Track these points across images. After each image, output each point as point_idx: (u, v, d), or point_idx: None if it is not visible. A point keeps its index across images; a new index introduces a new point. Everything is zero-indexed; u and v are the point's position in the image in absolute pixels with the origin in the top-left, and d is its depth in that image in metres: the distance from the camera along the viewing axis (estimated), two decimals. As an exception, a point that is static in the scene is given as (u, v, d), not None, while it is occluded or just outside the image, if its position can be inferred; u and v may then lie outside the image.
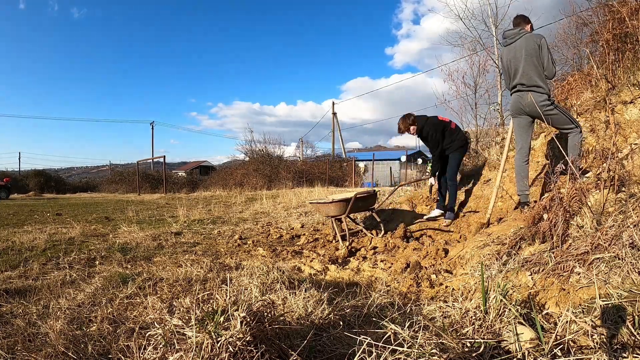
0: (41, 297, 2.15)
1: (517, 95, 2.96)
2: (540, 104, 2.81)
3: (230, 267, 2.87)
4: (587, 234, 1.68)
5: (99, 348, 1.49)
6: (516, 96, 2.98)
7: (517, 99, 2.96)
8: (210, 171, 31.51)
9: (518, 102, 2.97)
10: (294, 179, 17.98)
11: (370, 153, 29.27)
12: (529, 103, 2.87)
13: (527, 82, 2.87)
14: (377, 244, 3.49)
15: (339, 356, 1.31)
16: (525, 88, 2.89)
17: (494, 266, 1.96)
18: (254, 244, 4.05)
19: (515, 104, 3.00)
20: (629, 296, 1.20)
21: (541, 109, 2.79)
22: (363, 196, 3.81)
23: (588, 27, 5.18)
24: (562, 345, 1.12)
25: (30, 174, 27.60)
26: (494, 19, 8.55)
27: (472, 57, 8.21)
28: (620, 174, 2.03)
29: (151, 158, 24.29)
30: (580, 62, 5.28)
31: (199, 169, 37.23)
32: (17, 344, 1.53)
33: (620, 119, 3.14)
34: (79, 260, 3.15)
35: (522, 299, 1.52)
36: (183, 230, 4.95)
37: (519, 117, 3.03)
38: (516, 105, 2.99)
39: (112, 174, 27.37)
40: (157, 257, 3.34)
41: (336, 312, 1.67)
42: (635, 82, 3.29)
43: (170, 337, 1.17)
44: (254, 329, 1.17)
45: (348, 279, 2.59)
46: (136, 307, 1.96)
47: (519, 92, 2.95)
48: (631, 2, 3.92)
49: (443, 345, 1.14)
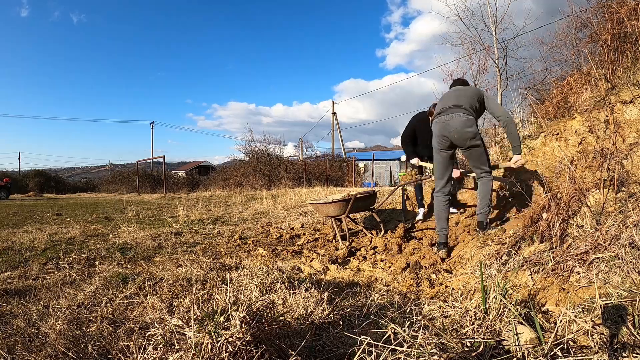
0: (41, 297, 2.15)
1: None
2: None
3: (230, 267, 2.87)
4: (586, 233, 1.69)
5: (99, 348, 1.48)
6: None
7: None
8: (210, 171, 31.50)
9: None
10: (293, 179, 17.98)
11: (370, 153, 29.26)
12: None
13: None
14: (377, 244, 3.49)
15: (339, 356, 1.31)
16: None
17: (493, 266, 1.96)
18: (254, 243, 4.05)
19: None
20: (629, 296, 1.20)
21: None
22: (363, 196, 3.82)
23: (587, 27, 5.18)
24: (562, 345, 1.12)
25: (30, 174, 27.56)
26: (494, 18, 8.55)
27: (471, 56, 8.20)
28: (620, 173, 2.03)
29: (151, 158, 24.27)
30: (580, 62, 5.27)
31: (199, 169, 37.20)
32: (17, 344, 1.53)
33: (619, 118, 3.14)
34: (79, 260, 3.15)
35: (522, 298, 1.52)
36: (183, 230, 4.95)
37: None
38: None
39: (112, 174, 27.35)
40: (157, 257, 3.34)
41: (336, 312, 1.67)
42: (635, 81, 3.29)
43: (170, 337, 1.17)
44: (253, 328, 1.17)
45: (348, 279, 2.59)
46: (136, 307, 1.96)
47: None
48: (630, 2, 3.92)
49: (443, 345, 1.14)
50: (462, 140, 2.70)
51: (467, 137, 2.67)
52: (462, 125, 2.67)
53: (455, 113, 2.70)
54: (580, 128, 3.55)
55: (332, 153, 25.28)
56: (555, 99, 4.66)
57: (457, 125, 2.68)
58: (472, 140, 2.68)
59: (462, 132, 2.67)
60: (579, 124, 3.58)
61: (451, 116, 2.71)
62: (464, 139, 2.69)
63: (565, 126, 3.75)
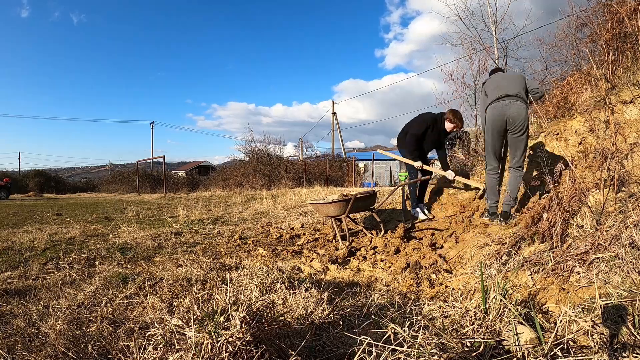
0: (41, 297, 2.15)
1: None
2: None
3: (230, 267, 2.87)
4: (587, 233, 1.69)
5: (99, 348, 1.48)
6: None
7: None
8: (210, 171, 31.50)
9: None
10: (293, 179, 17.99)
11: (370, 153, 29.25)
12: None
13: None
14: (377, 244, 3.49)
15: (339, 356, 1.31)
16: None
17: (494, 266, 1.96)
18: (254, 243, 4.05)
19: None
20: (629, 296, 1.20)
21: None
22: (363, 196, 3.82)
23: (587, 27, 5.18)
24: (562, 345, 1.12)
25: (30, 174, 27.56)
26: (494, 18, 8.54)
27: (471, 56, 8.19)
28: (620, 173, 2.03)
29: (151, 158, 24.27)
30: (580, 62, 5.27)
31: (199, 169, 37.20)
32: (17, 344, 1.53)
33: (620, 118, 3.14)
34: (79, 260, 3.15)
35: (522, 298, 1.52)
36: (183, 230, 4.95)
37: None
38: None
39: (112, 174, 27.36)
40: (157, 257, 3.34)
41: (336, 312, 1.67)
42: (635, 81, 3.29)
43: (170, 337, 1.17)
44: (253, 328, 1.17)
45: (348, 279, 2.59)
46: (136, 307, 1.96)
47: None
48: (630, 2, 3.92)
49: (443, 345, 1.14)
50: (517, 125, 2.97)
51: (521, 123, 2.95)
52: (520, 112, 2.96)
53: (514, 100, 3.00)
54: (580, 128, 3.55)
55: (332, 153, 25.29)
56: (555, 99, 4.66)
57: (516, 111, 2.97)
58: (525, 127, 2.96)
59: (519, 118, 2.95)
60: (579, 124, 3.58)
61: (510, 102, 3.00)
62: (519, 124, 2.96)
63: (566, 126, 3.75)
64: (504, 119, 3.01)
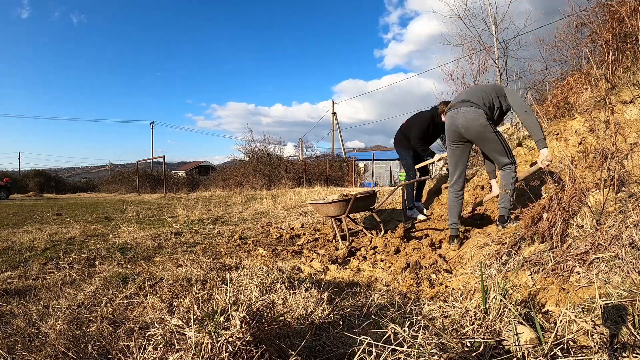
0: (41, 297, 2.15)
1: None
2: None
3: (230, 267, 2.87)
4: (587, 233, 1.68)
5: (99, 348, 1.48)
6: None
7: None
8: (210, 171, 31.51)
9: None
10: (293, 179, 17.99)
11: (370, 153, 29.26)
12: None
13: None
14: (377, 244, 3.49)
15: (339, 356, 1.31)
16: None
17: (493, 266, 1.96)
18: (254, 243, 4.05)
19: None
20: (629, 296, 1.20)
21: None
22: (363, 196, 3.82)
23: (587, 26, 5.18)
24: (562, 345, 1.12)
25: (30, 174, 27.57)
26: (494, 18, 8.54)
27: (471, 56, 8.19)
28: (620, 173, 2.03)
29: (151, 158, 24.27)
30: (580, 61, 5.27)
31: (199, 169, 37.21)
32: (17, 344, 1.53)
33: (620, 118, 3.14)
34: (79, 260, 3.15)
35: (522, 298, 1.52)
36: (183, 230, 4.95)
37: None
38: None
39: (112, 174, 27.38)
40: (157, 257, 3.34)
41: (336, 312, 1.67)
42: (635, 81, 3.29)
43: (170, 337, 1.17)
44: (253, 328, 1.17)
45: (348, 279, 2.59)
46: (136, 307, 1.96)
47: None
48: (630, 2, 3.92)
49: (443, 345, 1.14)
50: (470, 133, 2.74)
51: (474, 130, 2.70)
52: (468, 119, 2.71)
53: (463, 107, 2.76)
54: (580, 128, 3.55)
55: (332, 153, 25.29)
56: (555, 99, 4.66)
57: (463, 119, 2.72)
58: (482, 133, 2.70)
59: (468, 126, 2.71)
60: (579, 124, 3.58)
61: (459, 110, 2.77)
62: (472, 132, 2.73)
63: (566, 126, 3.75)
64: (453, 130, 2.81)
